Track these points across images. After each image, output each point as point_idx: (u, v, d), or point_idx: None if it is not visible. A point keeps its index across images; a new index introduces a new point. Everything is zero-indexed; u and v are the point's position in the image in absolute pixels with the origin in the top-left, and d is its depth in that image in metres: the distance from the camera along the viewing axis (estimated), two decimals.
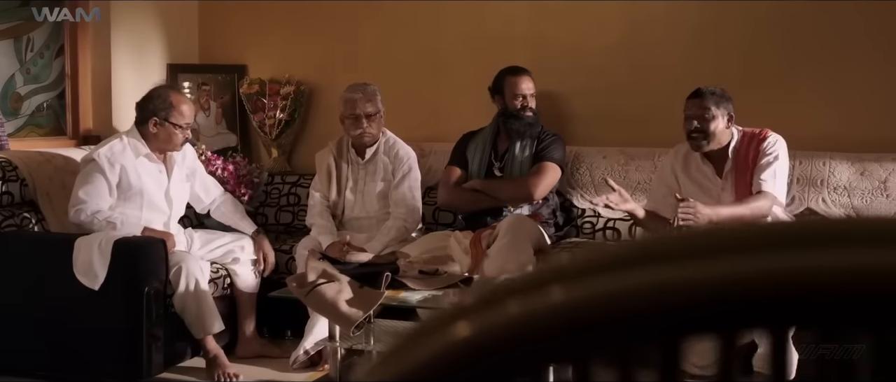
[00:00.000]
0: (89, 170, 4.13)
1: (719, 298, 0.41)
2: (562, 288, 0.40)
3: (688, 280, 0.38)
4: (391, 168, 4.54)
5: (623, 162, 4.74)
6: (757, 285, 0.40)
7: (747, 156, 3.89)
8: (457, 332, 0.43)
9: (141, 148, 4.20)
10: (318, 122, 5.46)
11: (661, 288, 0.38)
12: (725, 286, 0.40)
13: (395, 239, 4.37)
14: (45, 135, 4.92)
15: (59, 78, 4.99)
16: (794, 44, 4.63)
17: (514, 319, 0.41)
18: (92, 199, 4.07)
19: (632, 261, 0.41)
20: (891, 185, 4.33)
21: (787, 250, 0.42)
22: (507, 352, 0.40)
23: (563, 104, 4.98)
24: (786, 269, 0.40)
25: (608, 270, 0.40)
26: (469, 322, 0.42)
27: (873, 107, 4.53)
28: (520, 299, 0.41)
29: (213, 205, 4.58)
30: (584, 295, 0.39)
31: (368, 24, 5.35)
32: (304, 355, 4.14)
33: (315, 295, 3.36)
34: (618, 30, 4.90)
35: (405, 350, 0.45)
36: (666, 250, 0.40)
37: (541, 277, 0.42)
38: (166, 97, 4.24)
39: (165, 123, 4.18)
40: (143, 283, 3.83)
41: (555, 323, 0.39)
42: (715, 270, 0.41)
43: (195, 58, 5.63)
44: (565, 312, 0.39)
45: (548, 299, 0.40)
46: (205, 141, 5.27)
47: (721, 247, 0.43)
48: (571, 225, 4.72)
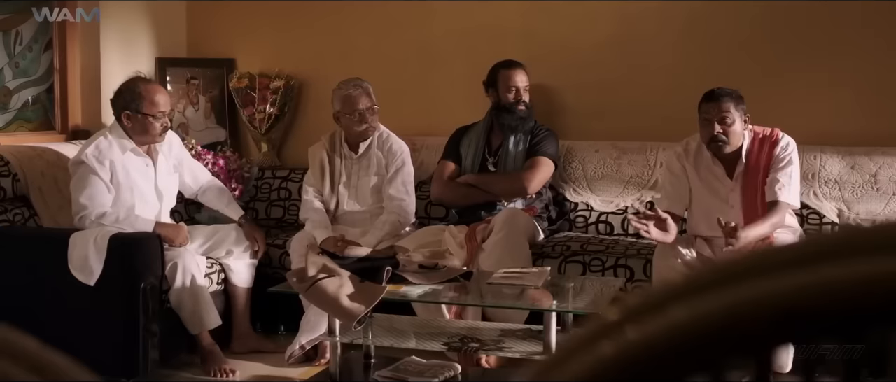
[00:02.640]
0: (82, 173, 4.07)
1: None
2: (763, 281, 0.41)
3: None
4: (385, 162, 4.54)
5: (615, 156, 4.76)
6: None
7: (759, 159, 3.88)
8: (635, 332, 0.44)
9: (126, 143, 4.16)
10: (307, 117, 5.45)
11: (866, 281, 0.38)
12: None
13: (389, 233, 4.36)
14: (33, 130, 4.87)
15: (47, 72, 4.94)
16: (785, 39, 4.67)
17: (726, 308, 0.41)
18: (93, 203, 4.02)
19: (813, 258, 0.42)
20: (881, 179, 4.38)
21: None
22: (715, 345, 0.41)
23: (556, 98, 4.99)
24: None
25: (795, 265, 0.41)
26: (683, 310, 0.42)
27: (863, 101, 4.57)
28: (720, 290, 0.42)
29: (201, 191, 4.56)
30: (799, 284, 0.40)
31: (359, 17, 5.34)
32: (299, 350, 4.14)
33: (316, 290, 3.35)
34: (610, 24, 4.92)
35: (579, 352, 0.46)
36: (853, 244, 0.41)
37: (734, 269, 0.43)
38: (135, 88, 4.17)
39: (137, 114, 4.12)
40: (140, 279, 3.81)
41: (759, 316, 0.40)
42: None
43: (184, 52, 5.60)
44: (777, 302, 0.40)
45: (752, 291, 0.40)
46: (194, 135, 5.24)
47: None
48: (564, 220, 4.74)
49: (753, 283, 0.44)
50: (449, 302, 3.75)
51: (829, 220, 4.40)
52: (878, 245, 0.43)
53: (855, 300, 0.39)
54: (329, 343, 3.70)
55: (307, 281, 3.36)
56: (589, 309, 3.32)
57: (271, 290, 3.64)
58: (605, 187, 4.75)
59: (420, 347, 3.48)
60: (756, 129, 3.94)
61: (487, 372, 3.93)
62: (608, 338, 0.46)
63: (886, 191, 4.36)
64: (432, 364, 3.58)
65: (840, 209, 4.42)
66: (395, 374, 3.50)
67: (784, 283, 0.43)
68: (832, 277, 0.41)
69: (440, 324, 3.78)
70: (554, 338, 3.26)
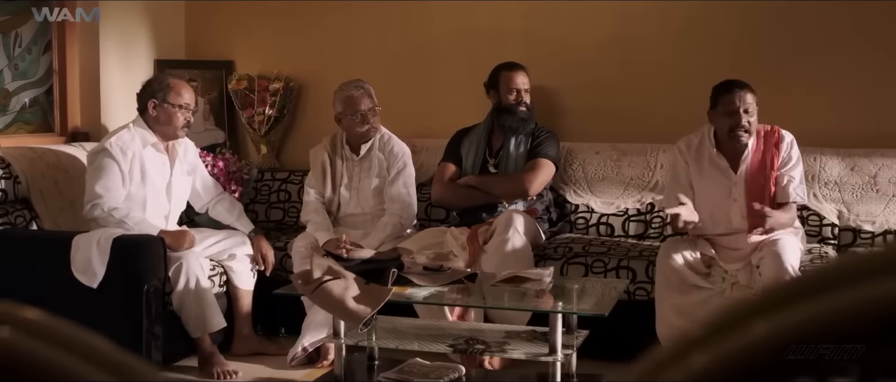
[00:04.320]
0: (102, 161, 4.07)
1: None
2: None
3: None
4: (386, 164, 4.54)
5: (615, 157, 4.77)
6: None
7: (764, 154, 3.91)
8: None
9: (148, 137, 4.19)
10: (307, 119, 5.45)
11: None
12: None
13: (390, 235, 4.37)
14: (32, 132, 4.86)
15: (46, 74, 4.92)
16: (785, 40, 4.68)
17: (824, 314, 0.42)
18: (109, 194, 4.02)
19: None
20: (880, 180, 4.40)
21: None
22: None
23: (556, 100, 5.00)
24: None
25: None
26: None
27: (863, 103, 4.60)
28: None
29: (212, 204, 4.55)
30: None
31: (358, 18, 5.33)
32: (302, 352, 4.13)
33: (322, 292, 3.34)
34: (610, 26, 4.93)
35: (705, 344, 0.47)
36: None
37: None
38: (163, 80, 4.28)
39: (163, 104, 4.18)
40: (143, 281, 3.80)
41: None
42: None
43: (182, 53, 5.59)
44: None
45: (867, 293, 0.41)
46: (192, 137, 5.21)
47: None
48: (565, 221, 4.75)
49: (856, 288, 0.44)
50: (455, 304, 3.75)
51: (829, 222, 4.42)
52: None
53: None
54: (333, 346, 3.70)
55: (312, 284, 3.36)
56: (595, 310, 3.33)
57: (276, 293, 3.63)
58: (606, 189, 4.75)
59: (424, 349, 3.48)
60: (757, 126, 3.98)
61: (490, 374, 3.93)
62: (699, 351, 0.47)
63: (886, 193, 4.39)
64: (437, 365, 3.58)
65: (840, 210, 4.44)
66: (401, 376, 3.50)
67: (887, 287, 0.44)
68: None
69: (443, 326, 3.78)
70: (559, 340, 3.26)
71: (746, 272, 3.90)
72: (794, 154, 3.92)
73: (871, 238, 4.38)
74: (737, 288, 3.92)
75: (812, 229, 4.40)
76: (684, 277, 3.90)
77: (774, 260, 3.70)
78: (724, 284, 3.94)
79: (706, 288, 3.92)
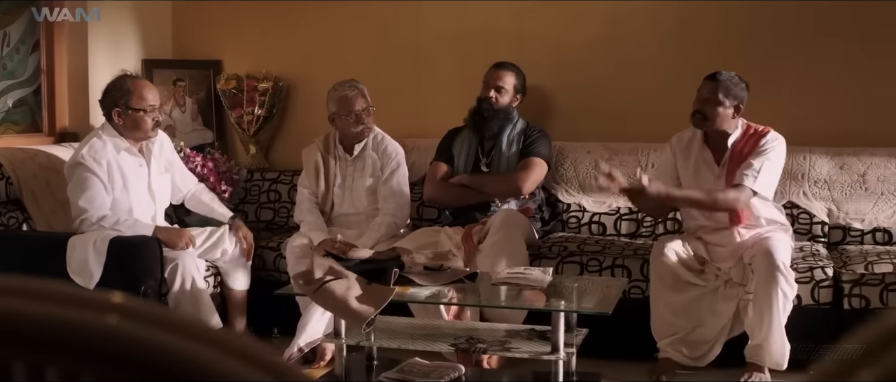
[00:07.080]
0: (80, 175, 4.02)
1: None
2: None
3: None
4: (379, 164, 4.54)
5: (607, 157, 4.79)
6: None
7: (743, 150, 3.96)
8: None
9: (119, 142, 4.12)
10: (296, 119, 5.43)
11: None
12: None
13: (385, 235, 4.37)
14: (21, 132, 4.81)
15: (34, 74, 4.88)
16: (775, 39, 4.73)
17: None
18: (93, 206, 3.97)
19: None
20: (869, 179, 4.46)
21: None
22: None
23: (547, 100, 5.02)
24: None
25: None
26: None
27: (852, 101, 4.65)
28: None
29: (188, 195, 4.52)
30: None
31: (347, 18, 5.32)
32: (298, 352, 4.11)
33: (324, 293, 3.34)
34: (600, 25, 4.96)
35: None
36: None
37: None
38: (122, 85, 4.13)
39: (127, 111, 4.09)
40: (139, 282, 3.78)
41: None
42: None
43: (169, 53, 5.55)
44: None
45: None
46: (181, 137, 5.20)
47: None
48: (557, 220, 4.77)
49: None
50: (457, 303, 3.75)
51: (819, 220, 4.47)
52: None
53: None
54: (334, 346, 3.69)
55: (314, 284, 3.35)
56: (598, 308, 3.35)
57: (277, 293, 3.62)
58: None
59: (423, 348, 3.49)
60: (751, 125, 4.02)
61: (488, 373, 3.94)
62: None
63: (875, 191, 4.45)
64: (436, 365, 3.58)
65: (829, 209, 4.50)
66: (401, 376, 3.50)
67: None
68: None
69: (441, 326, 3.78)
70: (562, 338, 3.28)
71: (739, 269, 3.94)
72: (767, 147, 3.94)
73: (861, 235, 4.44)
74: (730, 285, 3.96)
75: (802, 227, 4.45)
76: (678, 275, 3.94)
77: (765, 257, 3.75)
78: (718, 282, 3.98)
79: (700, 285, 3.96)
